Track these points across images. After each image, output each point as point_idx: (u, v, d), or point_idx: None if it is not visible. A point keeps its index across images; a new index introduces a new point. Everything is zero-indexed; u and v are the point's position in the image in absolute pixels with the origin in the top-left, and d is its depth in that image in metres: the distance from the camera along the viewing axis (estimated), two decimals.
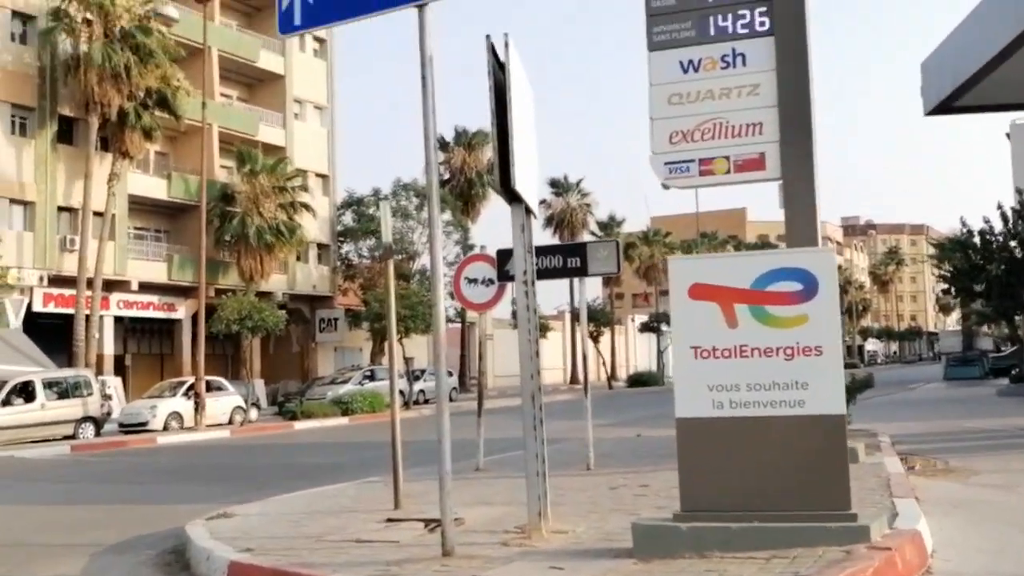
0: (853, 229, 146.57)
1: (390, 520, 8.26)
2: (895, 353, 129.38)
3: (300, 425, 28.56)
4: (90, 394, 26.64)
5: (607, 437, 18.84)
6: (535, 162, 7.58)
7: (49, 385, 25.90)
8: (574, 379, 64.29)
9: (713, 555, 5.86)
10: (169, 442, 24.52)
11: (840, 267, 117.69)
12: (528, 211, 7.21)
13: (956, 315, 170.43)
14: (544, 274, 12.49)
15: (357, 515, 8.94)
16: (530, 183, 7.22)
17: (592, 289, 67.37)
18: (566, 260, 12.26)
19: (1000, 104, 21.42)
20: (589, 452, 12.16)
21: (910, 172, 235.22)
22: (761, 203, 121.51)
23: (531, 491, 6.83)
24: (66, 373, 27.60)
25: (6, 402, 24.48)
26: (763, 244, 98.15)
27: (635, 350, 76.61)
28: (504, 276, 12.69)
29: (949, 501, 8.82)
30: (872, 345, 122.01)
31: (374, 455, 18.44)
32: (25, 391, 25.20)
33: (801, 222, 11.17)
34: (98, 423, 26.51)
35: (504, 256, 12.82)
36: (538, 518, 6.83)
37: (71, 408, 25.87)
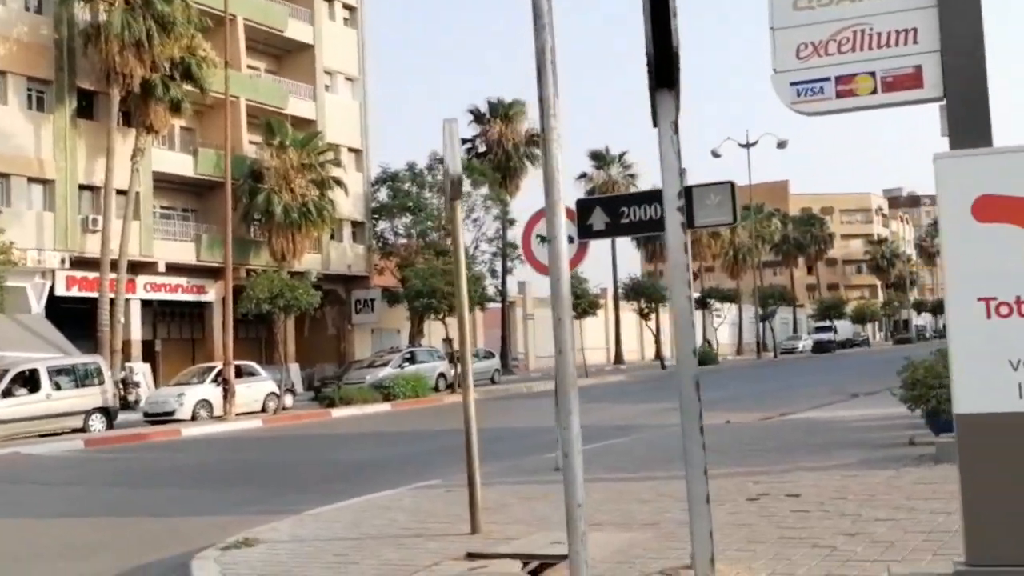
0: (896, 201, 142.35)
1: (472, 556, 5.97)
2: (944, 327, 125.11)
3: (338, 412, 26.34)
4: (102, 382, 24.33)
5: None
6: None
7: (56, 373, 23.54)
8: (618, 359, 61.93)
9: None
10: (195, 434, 22.32)
11: (886, 240, 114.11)
12: (676, 105, 4.87)
13: None
14: (634, 228, 10.12)
15: (422, 543, 6.68)
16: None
17: (630, 264, 64.40)
18: (664, 210, 9.85)
19: None
20: None
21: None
22: (803, 176, 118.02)
23: (698, 525, 4.51)
24: (75, 360, 25.30)
25: (7, 393, 22.09)
26: (808, 218, 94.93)
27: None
28: (587, 232, 10.34)
29: None
30: (918, 319, 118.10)
31: (424, 448, 16.23)
32: (29, 380, 22.81)
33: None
34: (111, 414, 24.23)
35: (586, 208, 10.45)
36: (710, 567, 4.50)
37: (80, 399, 23.46)
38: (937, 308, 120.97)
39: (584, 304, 41.40)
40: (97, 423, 23.46)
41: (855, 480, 8.26)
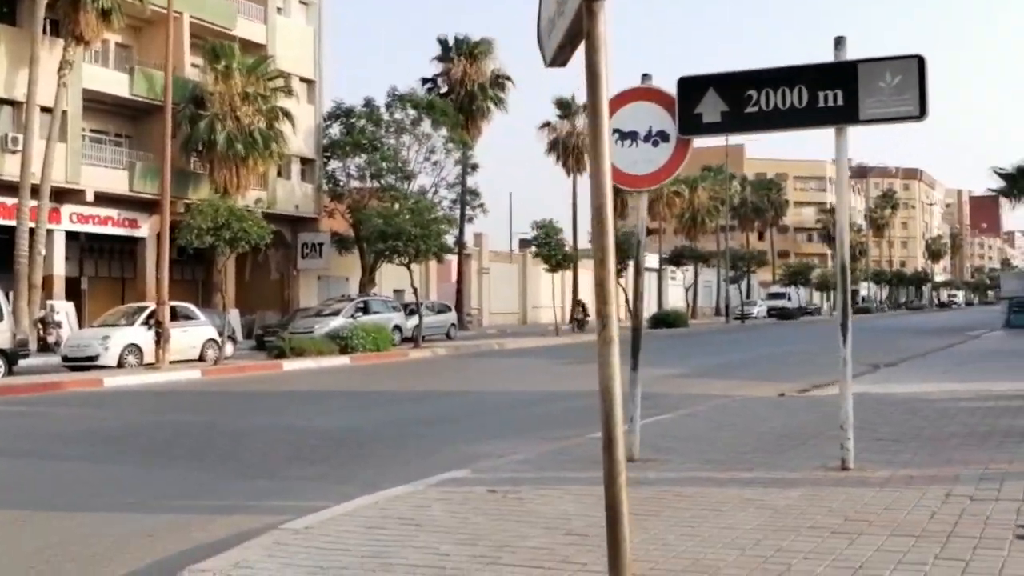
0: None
1: None
2: (887, 299, 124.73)
3: (290, 365, 22.94)
4: (0, 320, 20.64)
5: (719, 395, 13.77)
6: None
7: None
8: (572, 318, 59.15)
9: None
10: (121, 384, 18.76)
11: None
12: None
13: (944, 263, 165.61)
14: (767, 121, 7.12)
15: None
16: None
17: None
18: (814, 95, 6.85)
19: None
20: (848, 436, 6.87)
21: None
22: (757, 142, 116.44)
23: None
24: None
25: None
26: (767, 182, 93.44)
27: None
28: (693, 125, 7.29)
29: None
30: (864, 290, 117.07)
31: (411, 413, 13.18)
32: None
33: None
34: (10, 358, 20.51)
35: (693, 89, 7.38)
36: None
37: None
38: (895, 279, 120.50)
39: (558, 256, 38.49)
40: None
41: None
